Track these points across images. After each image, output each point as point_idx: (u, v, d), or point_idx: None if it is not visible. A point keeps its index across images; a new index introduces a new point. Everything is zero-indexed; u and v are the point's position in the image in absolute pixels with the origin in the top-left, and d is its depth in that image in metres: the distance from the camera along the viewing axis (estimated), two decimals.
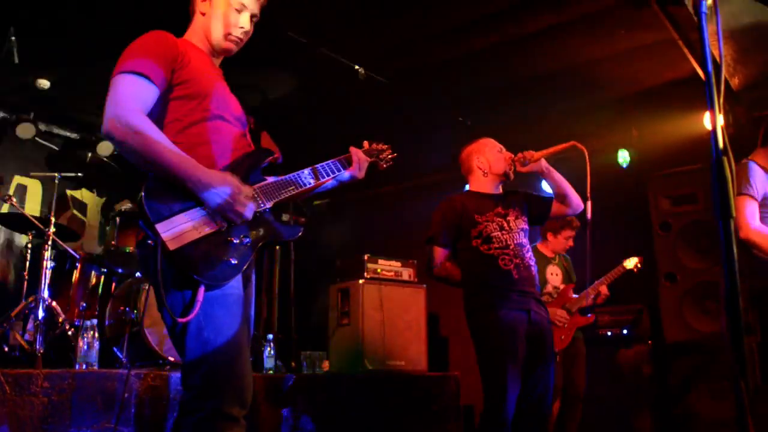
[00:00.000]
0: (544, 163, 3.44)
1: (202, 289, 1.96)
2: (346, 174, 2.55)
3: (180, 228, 1.94)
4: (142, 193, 1.94)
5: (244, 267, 2.06)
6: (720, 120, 1.33)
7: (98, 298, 5.11)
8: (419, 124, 6.39)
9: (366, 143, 2.77)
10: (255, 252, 2.13)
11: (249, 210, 2.07)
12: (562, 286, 4.99)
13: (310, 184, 2.39)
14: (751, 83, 5.40)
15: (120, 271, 5.18)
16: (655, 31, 4.77)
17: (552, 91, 5.82)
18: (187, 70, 2.14)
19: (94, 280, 5.20)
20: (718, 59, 1.39)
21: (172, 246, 1.90)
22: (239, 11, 2.30)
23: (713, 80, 1.31)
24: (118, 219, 5.07)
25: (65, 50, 5.29)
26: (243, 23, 2.31)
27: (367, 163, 2.63)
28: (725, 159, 1.29)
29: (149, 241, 1.97)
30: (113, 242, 5.02)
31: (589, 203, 3.34)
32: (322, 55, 5.07)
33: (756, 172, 3.57)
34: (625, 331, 5.60)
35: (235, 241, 2.05)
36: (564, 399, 4.86)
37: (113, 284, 5.23)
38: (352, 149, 2.62)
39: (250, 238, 2.10)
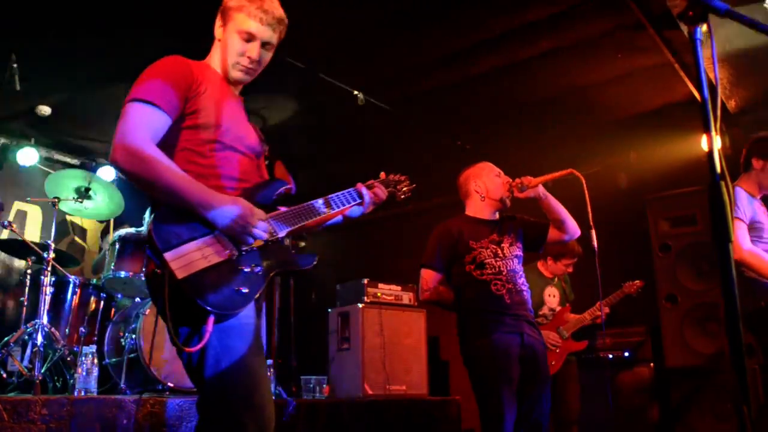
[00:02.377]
0: (541, 189, 3.44)
1: (211, 319, 1.89)
2: (356, 210, 2.52)
3: (189, 257, 1.89)
4: (151, 223, 1.91)
5: (255, 296, 2.01)
6: (717, 143, 1.34)
7: (97, 324, 5.10)
8: (418, 149, 6.42)
9: (383, 174, 2.71)
10: (266, 281, 2.07)
11: (262, 231, 2.02)
12: (558, 308, 4.97)
13: (323, 212, 2.34)
14: (748, 106, 5.45)
15: (119, 296, 5.17)
16: (651, 55, 4.82)
17: (550, 114, 5.85)
18: (201, 98, 2.10)
19: (93, 306, 5.19)
20: (713, 83, 1.41)
21: (180, 275, 1.85)
22: (247, 41, 2.24)
23: (709, 105, 1.33)
24: (117, 244, 5.06)
25: (66, 77, 5.34)
26: (250, 52, 2.24)
27: (384, 196, 2.56)
28: (722, 183, 1.30)
29: (157, 270, 1.91)
30: (113, 267, 5.01)
31: (592, 232, 3.34)
32: (321, 80, 5.11)
33: (742, 196, 3.71)
34: (626, 354, 5.57)
35: (246, 270, 1.99)
36: (557, 423, 4.80)
37: (112, 310, 5.22)
38: (360, 187, 2.51)
39: (262, 266, 2.05)
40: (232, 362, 1.94)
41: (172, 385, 4.37)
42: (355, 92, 5.29)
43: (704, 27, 1.37)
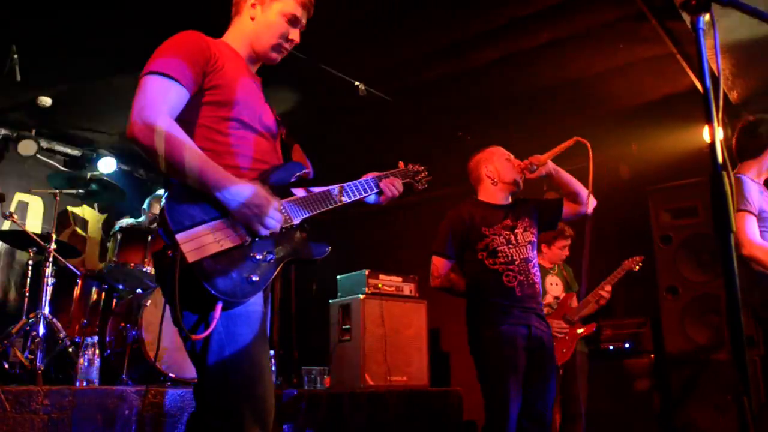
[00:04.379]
0: (551, 164, 3.39)
1: (219, 306, 1.85)
2: (372, 198, 2.47)
3: (201, 240, 1.84)
4: (165, 202, 1.86)
5: (266, 284, 1.96)
6: (719, 134, 1.33)
7: (99, 315, 5.10)
8: (420, 140, 6.41)
9: (401, 164, 2.69)
10: (278, 270, 2.02)
11: (276, 222, 1.97)
12: (562, 296, 4.95)
13: (344, 201, 2.30)
14: (750, 97, 5.43)
15: (121, 287, 5.18)
16: (653, 46, 4.79)
17: (551, 105, 5.83)
18: (219, 74, 2.05)
19: (95, 297, 5.20)
20: (716, 73, 1.40)
21: (191, 258, 1.80)
22: (291, 23, 2.23)
23: (712, 95, 1.32)
24: (119, 235, 5.07)
25: (67, 68, 5.32)
26: (293, 36, 2.24)
27: (399, 188, 2.53)
28: (724, 173, 1.29)
29: (168, 252, 1.86)
30: (114, 258, 5.01)
31: (591, 197, 3.33)
32: (322, 71, 5.09)
33: (750, 186, 3.55)
34: (627, 345, 5.58)
35: (257, 257, 1.95)
36: (564, 415, 4.80)
37: (114, 301, 5.22)
38: (379, 177, 2.50)
39: (275, 254, 2.00)
40: (236, 350, 1.91)
41: (173, 375, 4.38)
42: (356, 83, 5.27)
43: (707, 17, 1.36)
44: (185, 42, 2.03)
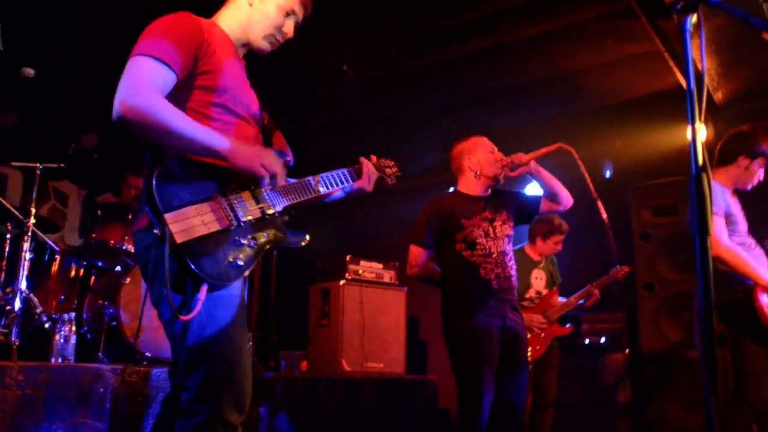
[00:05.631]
0: (533, 164, 3.40)
1: (204, 288, 1.86)
2: (354, 186, 2.50)
3: (189, 221, 1.84)
4: (153, 180, 1.84)
5: (250, 268, 1.98)
6: (701, 136, 1.34)
7: (77, 292, 5.06)
8: (404, 127, 6.40)
9: (374, 157, 2.70)
10: (261, 255, 2.04)
11: (278, 168, 2.02)
12: (545, 292, 4.99)
13: (320, 192, 2.33)
14: (734, 97, 5.48)
15: (100, 264, 5.13)
16: (641, 43, 4.82)
17: (538, 98, 5.85)
18: (210, 60, 2.03)
19: (73, 273, 5.15)
20: (701, 74, 1.40)
21: (179, 239, 1.79)
22: (288, 16, 2.23)
23: (695, 97, 1.33)
24: (99, 212, 5.02)
25: (52, 40, 5.25)
26: (288, 29, 2.24)
27: (376, 176, 2.58)
28: (704, 175, 1.31)
29: (155, 231, 1.85)
30: (93, 235, 4.97)
31: (599, 203, 3.35)
32: (309, 55, 5.05)
33: (718, 190, 3.67)
34: (603, 340, 5.63)
35: (242, 242, 1.96)
36: (533, 406, 4.85)
37: (92, 278, 5.18)
38: (363, 160, 2.54)
39: (258, 240, 2.03)
40: (215, 332, 1.92)
41: (150, 355, 4.37)
42: (344, 67, 5.24)
43: (694, 18, 1.37)
44: (178, 25, 2.00)
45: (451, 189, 3.67)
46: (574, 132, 5.99)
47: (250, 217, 2.02)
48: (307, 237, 2.22)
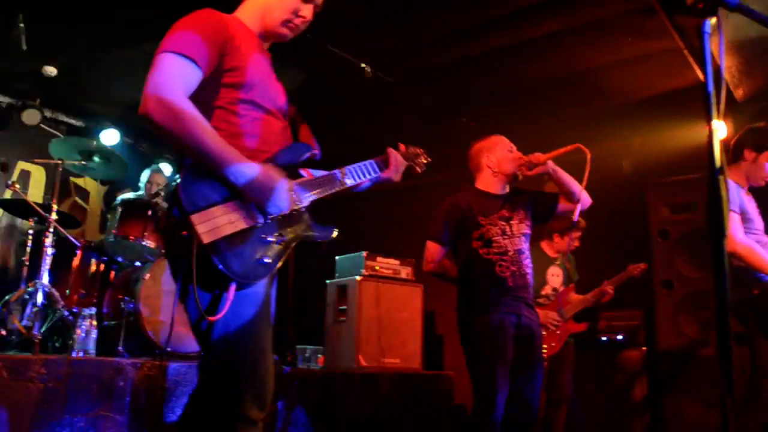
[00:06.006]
0: (551, 164, 3.40)
1: (233, 287, 1.86)
2: (382, 176, 2.50)
3: (215, 221, 1.84)
4: (179, 182, 1.85)
5: (277, 266, 1.98)
6: (718, 138, 1.34)
7: (97, 286, 5.13)
8: (423, 124, 6.40)
9: (402, 146, 2.70)
10: (288, 251, 2.04)
11: (285, 201, 2.00)
12: (561, 288, 4.99)
13: (347, 184, 2.33)
14: (755, 95, 5.42)
15: (120, 260, 5.20)
16: (661, 40, 4.78)
17: (556, 96, 5.82)
18: (236, 56, 2.04)
19: (93, 268, 5.22)
20: (720, 77, 1.40)
21: (206, 239, 1.81)
22: (305, 0, 2.22)
23: (713, 99, 1.33)
24: (120, 208, 5.08)
25: (73, 38, 5.31)
26: (306, 12, 2.22)
27: (404, 166, 2.58)
28: (721, 177, 1.31)
29: (182, 232, 1.85)
30: (114, 231, 5.03)
31: (577, 206, 3.35)
32: (329, 52, 5.07)
33: (732, 187, 3.68)
34: (620, 337, 5.61)
35: (269, 239, 1.97)
36: (547, 403, 4.86)
37: (112, 273, 5.25)
38: (390, 150, 2.55)
39: (285, 236, 2.02)
40: (240, 330, 1.92)
41: (169, 349, 4.42)
42: (363, 65, 5.26)
43: (713, 20, 1.37)
44: (204, 22, 2.01)
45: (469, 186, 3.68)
46: (593, 129, 5.98)
47: (275, 215, 2.01)
48: (335, 231, 2.22)
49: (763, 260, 3.54)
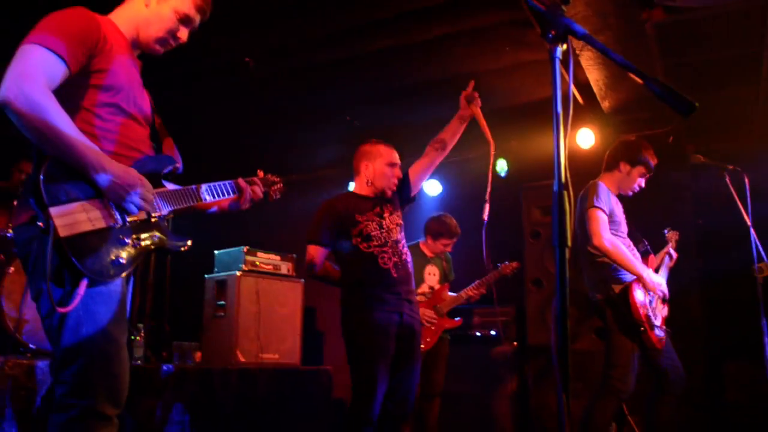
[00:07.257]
0: (478, 112, 3.73)
1: (84, 283, 1.90)
2: (232, 203, 2.56)
3: (74, 216, 1.87)
4: (41, 173, 1.84)
5: (131, 268, 2.03)
6: (564, 153, 1.46)
7: None
8: (306, 121, 6.40)
9: (260, 172, 2.77)
10: (143, 255, 2.09)
11: (145, 202, 2.04)
12: (437, 287, 5.15)
13: (206, 200, 2.38)
14: (621, 107, 5.79)
15: None
16: (537, 51, 5.03)
17: (437, 98, 5.97)
18: (105, 58, 2.04)
19: None
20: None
21: (62, 233, 1.82)
22: (183, 22, 2.22)
23: (561, 120, 1.44)
24: None
25: None
26: (182, 35, 2.24)
27: (258, 197, 2.63)
28: (565, 193, 1.42)
29: (39, 223, 1.86)
30: None
31: (486, 205, 3.50)
32: (211, 45, 4.97)
33: (604, 190, 3.99)
34: (493, 332, 5.86)
35: (126, 241, 2.01)
36: (421, 396, 5.00)
37: None
38: (241, 181, 2.57)
39: (141, 241, 2.07)
40: (92, 328, 1.94)
41: (33, 347, 4.23)
42: (246, 59, 5.19)
43: (563, 47, 1.48)
44: (74, 19, 1.99)
45: (349, 187, 3.77)
46: (471, 131, 6.18)
47: (134, 218, 2.05)
48: (189, 242, 2.29)
49: (627, 258, 3.83)
